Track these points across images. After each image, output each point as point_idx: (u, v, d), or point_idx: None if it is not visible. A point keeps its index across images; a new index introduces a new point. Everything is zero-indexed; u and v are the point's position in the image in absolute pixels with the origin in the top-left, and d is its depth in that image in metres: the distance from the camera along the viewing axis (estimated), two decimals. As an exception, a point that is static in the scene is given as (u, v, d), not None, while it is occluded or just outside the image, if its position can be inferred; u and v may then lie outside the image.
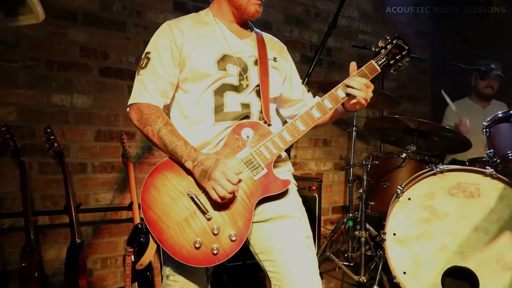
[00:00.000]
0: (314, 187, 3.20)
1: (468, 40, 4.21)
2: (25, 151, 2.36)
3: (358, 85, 1.48)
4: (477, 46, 4.12)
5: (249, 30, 1.66)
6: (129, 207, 2.55)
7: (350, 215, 3.20)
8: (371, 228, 2.99)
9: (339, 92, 1.51)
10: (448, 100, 3.38)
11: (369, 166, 2.84)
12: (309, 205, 3.22)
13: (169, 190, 1.41)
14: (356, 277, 2.70)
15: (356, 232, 2.82)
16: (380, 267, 2.58)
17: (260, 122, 1.51)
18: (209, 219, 1.39)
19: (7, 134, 2.27)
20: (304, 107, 1.65)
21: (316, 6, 3.78)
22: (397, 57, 1.57)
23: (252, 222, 1.44)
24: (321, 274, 3.03)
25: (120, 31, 2.77)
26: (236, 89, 1.52)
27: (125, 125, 2.77)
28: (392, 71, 1.62)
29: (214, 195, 1.35)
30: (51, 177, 2.53)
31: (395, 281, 2.33)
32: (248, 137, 1.47)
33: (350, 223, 3.17)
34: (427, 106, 4.67)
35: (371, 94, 1.52)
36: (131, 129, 2.77)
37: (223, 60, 1.51)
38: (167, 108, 1.55)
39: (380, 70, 1.55)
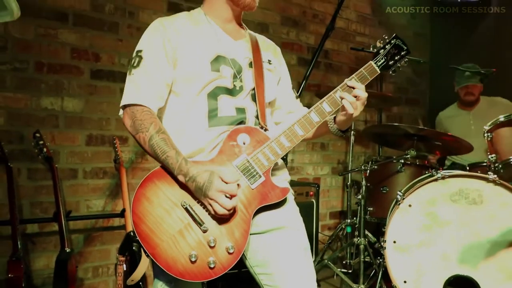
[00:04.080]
0: (311, 193, 3.13)
1: (468, 41, 4.17)
2: (13, 157, 2.28)
3: (361, 86, 1.44)
4: (477, 47, 4.08)
5: (243, 29, 1.59)
6: (122, 214, 2.47)
7: (348, 221, 3.13)
8: (369, 235, 2.92)
9: (338, 94, 1.44)
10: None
11: (368, 171, 2.77)
12: (307, 210, 3.15)
13: (162, 201, 1.32)
14: (354, 285, 2.62)
15: (355, 239, 2.75)
16: (380, 276, 2.51)
17: (257, 127, 1.44)
18: (204, 231, 1.31)
19: None
20: (302, 112, 1.56)
21: (313, 8, 3.72)
22: (396, 58, 1.54)
23: (249, 234, 1.37)
24: (318, 282, 2.94)
25: (112, 32, 2.70)
26: (231, 92, 1.44)
27: (117, 129, 2.69)
28: (391, 72, 1.57)
29: (212, 212, 1.28)
30: (40, 183, 2.44)
31: (395, 290, 2.27)
32: (244, 143, 1.39)
33: (348, 229, 3.10)
34: (426, 109, 4.61)
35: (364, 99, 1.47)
36: (124, 133, 2.69)
37: (217, 61, 1.43)
38: (160, 112, 1.47)
39: (379, 72, 1.51)
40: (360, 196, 2.78)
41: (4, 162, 2.17)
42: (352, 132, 3.27)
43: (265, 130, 1.45)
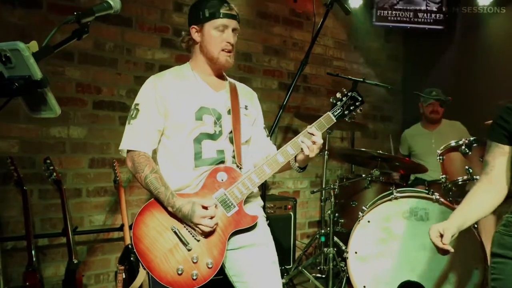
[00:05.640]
0: (289, 206, 3.53)
1: (437, 65, 4.58)
2: (26, 179, 2.62)
3: (318, 133, 1.75)
4: (443, 72, 4.49)
5: (224, 81, 1.90)
6: (120, 228, 2.83)
7: (322, 231, 3.51)
8: (340, 243, 3.30)
9: (300, 139, 1.74)
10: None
11: (336, 189, 3.16)
12: (285, 222, 3.54)
13: (156, 225, 1.70)
14: (325, 289, 3.01)
15: (325, 249, 3.13)
16: (344, 281, 2.89)
17: (233, 166, 1.79)
18: (189, 250, 1.67)
19: (11, 165, 2.54)
20: (271, 153, 1.88)
21: (293, 37, 4.10)
22: (351, 108, 1.81)
23: (227, 250, 1.73)
24: (295, 285, 3.34)
25: (112, 67, 3.06)
26: (212, 136, 1.78)
27: (117, 153, 3.00)
28: (347, 119, 1.85)
29: (200, 232, 1.65)
30: (49, 202, 2.80)
31: (356, 294, 2.65)
32: (222, 180, 1.74)
33: (322, 239, 3.47)
34: (399, 125, 5.00)
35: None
36: (122, 156, 3.04)
37: (200, 111, 1.76)
38: (155, 151, 1.83)
39: (336, 120, 1.80)
40: (329, 212, 3.16)
41: (20, 186, 2.53)
42: (326, 152, 3.66)
43: (240, 168, 1.81)
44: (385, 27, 4.61)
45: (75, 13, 1.33)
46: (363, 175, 3.29)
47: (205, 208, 1.65)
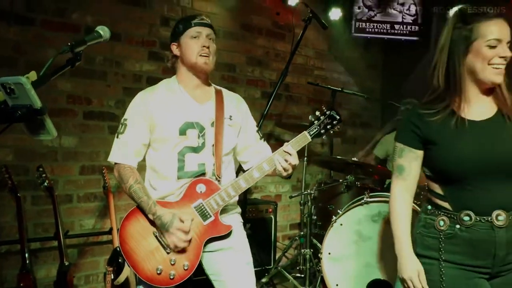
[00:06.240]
0: (270, 210, 3.74)
1: (414, 72, 4.80)
2: (20, 186, 2.77)
3: (293, 152, 1.86)
4: (422, 77, 4.71)
5: (209, 91, 2.00)
6: (109, 232, 3.00)
7: (302, 233, 3.71)
8: (318, 245, 3.51)
9: (275, 156, 1.85)
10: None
11: (313, 194, 3.37)
12: (266, 225, 3.75)
13: (140, 229, 1.89)
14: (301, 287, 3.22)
15: (303, 250, 3.34)
16: (319, 280, 3.10)
17: (212, 179, 1.91)
18: (168, 253, 1.85)
19: (6, 173, 2.70)
20: (249, 169, 1.97)
21: (275, 48, 4.30)
22: (328, 127, 1.91)
23: (205, 252, 1.91)
24: (275, 284, 3.53)
25: (101, 79, 3.23)
26: (195, 150, 1.93)
27: (105, 160, 3.17)
28: (324, 137, 1.95)
29: (172, 243, 1.83)
30: (42, 207, 2.97)
31: (329, 292, 2.87)
32: (201, 191, 1.91)
33: (302, 240, 3.67)
34: (378, 131, 5.23)
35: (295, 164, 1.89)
36: (111, 163, 3.21)
37: (184, 126, 1.91)
38: (143, 161, 1.99)
39: (311, 139, 1.90)
40: (306, 215, 3.37)
41: (14, 192, 2.69)
42: (305, 158, 3.86)
43: (219, 180, 1.94)
44: (363, 38, 4.84)
45: (69, 43, 1.50)
46: (340, 180, 3.51)
47: (182, 221, 1.82)
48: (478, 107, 1.55)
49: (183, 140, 1.92)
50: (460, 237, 1.51)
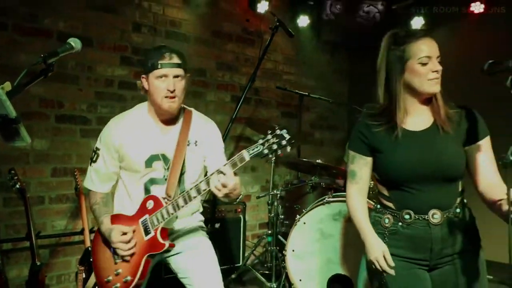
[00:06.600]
0: (239, 210, 3.88)
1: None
2: (-8, 188, 2.85)
3: (229, 173, 1.74)
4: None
5: (177, 119, 2.06)
6: (81, 232, 3.08)
7: (269, 232, 3.87)
8: (284, 242, 3.66)
9: (213, 176, 1.77)
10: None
11: (279, 194, 3.53)
12: (235, 224, 3.89)
13: (104, 240, 2.06)
14: (268, 284, 3.37)
15: (269, 248, 3.50)
16: (283, 276, 3.27)
17: (159, 196, 1.95)
18: (115, 264, 2.00)
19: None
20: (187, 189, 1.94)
21: (245, 54, 4.45)
22: (274, 147, 1.72)
23: (172, 256, 2.07)
24: (244, 281, 3.67)
25: (74, 84, 3.30)
26: (160, 181, 2.04)
27: (77, 162, 3.30)
28: (270, 156, 1.76)
29: (118, 253, 1.98)
30: (14, 209, 3.02)
31: (292, 286, 3.03)
32: (149, 207, 1.97)
33: (269, 239, 3.82)
34: (344, 133, 5.45)
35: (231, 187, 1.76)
36: (83, 165, 3.30)
37: (150, 159, 2.01)
38: (114, 187, 2.15)
39: (248, 159, 1.72)
40: (272, 215, 3.53)
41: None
42: (273, 159, 4.02)
43: (166, 199, 1.96)
44: (331, 44, 5.04)
45: (41, 55, 1.59)
46: (306, 181, 3.68)
47: (125, 233, 1.94)
48: (416, 119, 1.73)
49: (149, 171, 2.04)
50: (402, 233, 1.70)
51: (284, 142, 1.71)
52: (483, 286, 1.67)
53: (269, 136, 1.73)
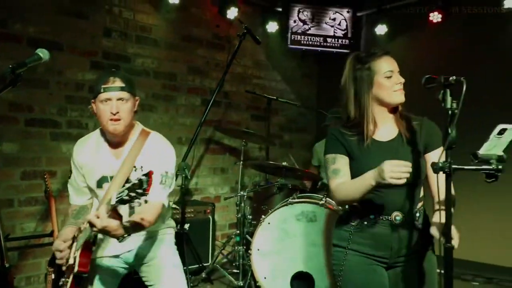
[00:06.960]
0: (208, 210, 4.01)
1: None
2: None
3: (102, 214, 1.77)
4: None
5: (130, 142, 2.10)
6: (51, 234, 3.14)
7: (238, 231, 4.00)
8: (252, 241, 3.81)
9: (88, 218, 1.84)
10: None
11: (245, 196, 3.67)
12: (205, 225, 4.01)
13: None
14: (236, 282, 3.51)
15: (236, 247, 3.64)
16: (249, 274, 3.40)
17: (92, 212, 1.96)
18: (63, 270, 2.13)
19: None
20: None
21: (215, 58, 4.57)
22: (132, 195, 1.61)
23: (141, 265, 2.21)
24: (212, 280, 3.79)
25: (44, 88, 3.35)
26: (109, 201, 2.10)
27: (47, 165, 3.35)
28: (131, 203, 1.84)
29: None
30: (-18, 212, 3.06)
31: (257, 284, 3.17)
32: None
33: (237, 239, 3.95)
34: (313, 135, 5.63)
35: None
36: (52, 168, 3.36)
37: (101, 180, 2.10)
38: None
39: (115, 204, 1.68)
40: (239, 215, 3.66)
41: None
42: (241, 162, 4.15)
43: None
44: (299, 50, 5.21)
45: (10, 66, 1.66)
46: (273, 183, 3.83)
47: (64, 241, 2.04)
48: (384, 130, 1.91)
49: (100, 191, 2.15)
50: (367, 231, 1.86)
51: (140, 191, 1.58)
52: (432, 284, 1.85)
53: (134, 180, 1.61)
